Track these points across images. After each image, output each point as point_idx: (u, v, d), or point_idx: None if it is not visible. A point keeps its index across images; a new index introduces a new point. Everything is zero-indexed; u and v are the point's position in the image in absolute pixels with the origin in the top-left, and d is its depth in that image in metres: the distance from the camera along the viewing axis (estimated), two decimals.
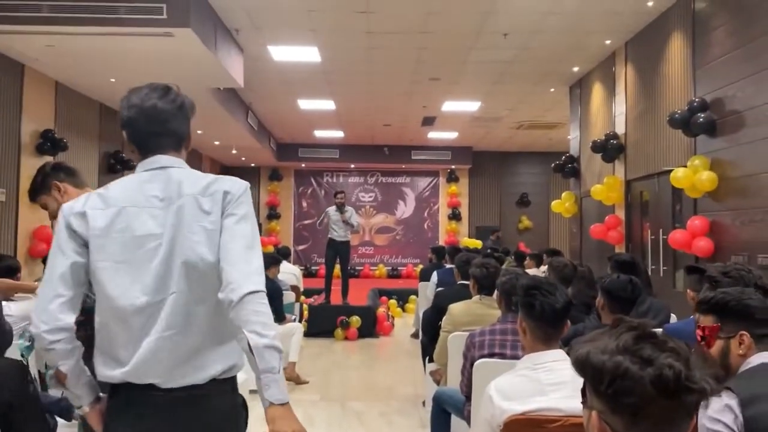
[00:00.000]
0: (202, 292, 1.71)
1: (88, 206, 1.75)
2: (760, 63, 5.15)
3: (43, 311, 1.68)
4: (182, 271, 1.69)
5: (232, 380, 1.79)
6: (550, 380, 2.20)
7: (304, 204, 17.82)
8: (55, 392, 2.89)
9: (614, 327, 1.15)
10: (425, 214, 17.72)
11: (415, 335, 9.48)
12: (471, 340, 3.34)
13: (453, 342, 4.08)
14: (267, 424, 1.61)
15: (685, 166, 5.97)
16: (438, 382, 4.74)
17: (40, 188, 2.60)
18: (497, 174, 17.46)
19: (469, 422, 3.40)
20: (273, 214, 17.53)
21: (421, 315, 8.92)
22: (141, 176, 1.80)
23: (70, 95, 8.61)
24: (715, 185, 5.66)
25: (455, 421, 3.83)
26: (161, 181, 1.77)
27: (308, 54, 8.52)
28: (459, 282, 5.40)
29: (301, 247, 17.30)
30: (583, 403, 1.19)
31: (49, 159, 7.93)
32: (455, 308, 4.24)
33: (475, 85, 10.09)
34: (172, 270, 1.69)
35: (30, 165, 7.55)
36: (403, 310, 12.13)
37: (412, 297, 12.43)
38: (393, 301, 11.96)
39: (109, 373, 1.70)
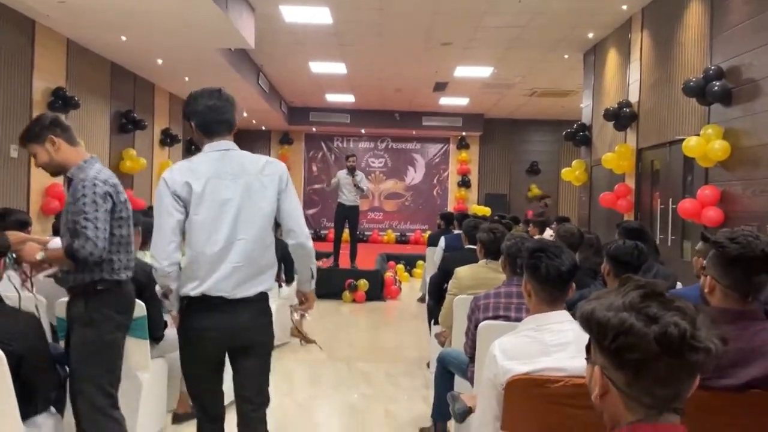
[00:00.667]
0: (257, 240, 2.57)
1: (190, 176, 2.54)
2: None
3: (163, 251, 2.52)
4: (246, 225, 2.55)
5: (267, 294, 2.67)
6: (554, 341, 2.22)
7: (314, 168, 17.81)
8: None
9: (622, 285, 1.16)
10: (435, 181, 17.68)
11: (421, 299, 9.57)
12: (476, 302, 3.38)
13: (458, 305, 4.12)
14: (305, 299, 2.88)
15: (698, 135, 5.91)
16: (443, 344, 4.80)
17: (34, 138, 2.76)
18: (508, 142, 17.34)
19: (472, 383, 3.45)
20: None
21: (428, 279, 9.01)
22: (213, 155, 2.61)
23: (81, 53, 8.58)
24: (728, 154, 5.61)
25: (458, 382, 3.89)
26: (229, 161, 2.59)
27: (320, 15, 8.42)
28: (466, 246, 5.43)
29: (311, 212, 17.34)
30: (587, 359, 1.21)
31: (60, 117, 7.96)
32: (461, 272, 4.27)
33: (487, 50, 9.96)
34: (239, 224, 2.55)
35: None
36: (411, 275, 12.21)
37: (420, 262, 12.51)
38: (400, 266, 12.03)
39: (192, 289, 2.54)
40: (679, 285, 3.96)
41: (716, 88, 5.69)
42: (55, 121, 2.79)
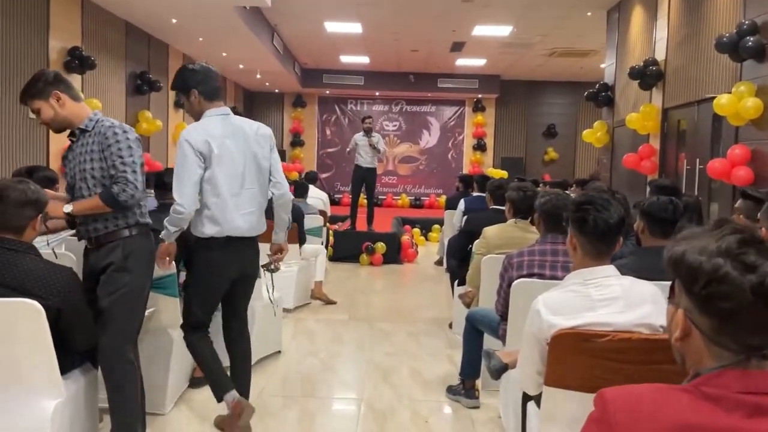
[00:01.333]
0: (261, 190, 3.17)
1: (208, 136, 2.98)
2: None
3: (189, 199, 2.93)
4: (254, 176, 3.11)
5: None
6: (600, 296, 2.17)
7: (328, 132, 17.69)
8: None
9: (717, 228, 1.09)
10: (449, 144, 17.53)
11: (438, 262, 9.55)
12: (509, 260, 3.33)
13: (487, 264, 4.07)
14: (279, 251, 3.38)
15: (729, 93, 5.75)
16: (468, 305, 4.76)
17: (38, 93, 2.78)
18: (524, 104, 17.10)
19: (503, 341, 3.43)
20: (297, 141, 17.46)
21: (446, 242, 8.97)
22: (217, 119, 3.07)
23: (96, 12, 8.46)
24: (760, 113, 5.46)
25: (487, 339, 3.87)
26: (230, 123, 3.08)
27: None
28: (491, 207, 5.36)
29: (324, 175, 17.27)
30: (670, 298, 1.16)
31: (77, 77, 7.89)
32: (490, 231, 4.21)
33: (508, 7, 9.72)
34: (247, 177, 3.08)
35: None
36: (426, 238, 12.16)
37: (435, 226, 12.47)
38: (416, 230, 11.98)
39: (212, 230, 3.03)
40: None
41: (750, 43, 5.51)
42: (59, 76, 2.84)
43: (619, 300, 2.16)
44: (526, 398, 2.78)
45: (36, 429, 2.50)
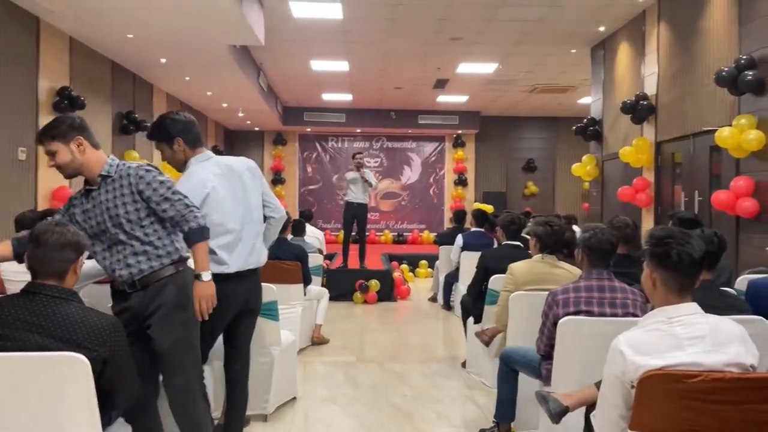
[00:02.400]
0: (257, 221, 3.24)
1: (213, 181, 3.05)
2: None
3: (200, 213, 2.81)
4: (249, 211, 3.17)
5: None
6: (687, 334, 2.09)
7: (309, 169, 17.62)
8: None
9: None
10: (431, 180, 17.59)
11: (433, 299, 9.44)
12: (553, 297, 3.24)
13: (515, 302, 3.99)
14: None
15: (730, 126, 5.85)
16: (487, 343, 4.66)
17: (60, 136, 2.71)
18: (504, 139, 17.32)
19: (546, 381, 3.32)
20: (278, 179, 17.33)
21: (442, 279, 8.90)
22: (207, 163, 3.11)
23: (83, 51, 8.31)
24: (762, 144, 5.56)
25: (522, 379, 3.76)
26: (218, 164, 3.13)
27: (330, 10, 8.26)
28: (505, 242, 5.30)
29: None
30: None
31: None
32: (517, 268, 4.13)
33: (496, 45, 9.87)
34: (245, 211, 3.15)
35: None
36: (414, 274, 12.06)
37: (423, 262, 12.40)
38: (405, 266, 11.88)
39: (226, 269, 3.04)
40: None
41: (749, 77, 5.64)
42: (84, 123, 2.80)
43: (707, 339, 2.09)
44: None
45: None
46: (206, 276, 2.70)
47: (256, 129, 17.13)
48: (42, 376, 2.24)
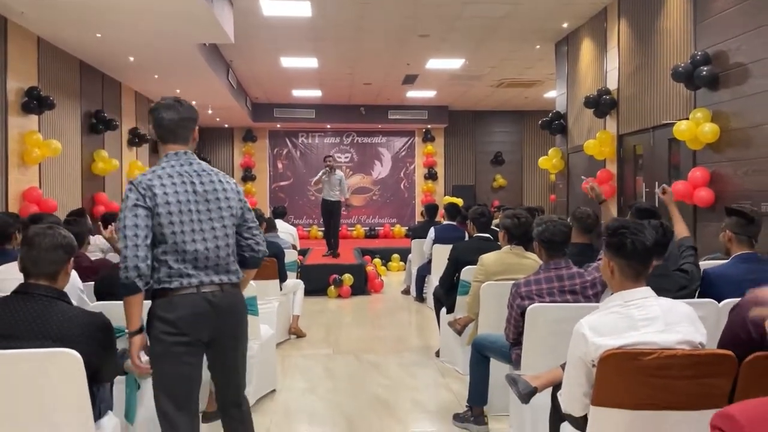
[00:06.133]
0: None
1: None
2: (765, 17, 5.28)
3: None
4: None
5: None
6: (642, 316, 2.28)
7: (280, 165, 17.62)
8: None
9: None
10: (401, 174, 17.74)
11: (405, 291, 9.62)
12: (516, 290, 3.43)
13: (486, 291, 4.17)
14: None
15: (687, 119, 6.12)
16: (459, 332, 4.84)
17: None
18: (472, 133, 17.56)
19: (516, 365, 3.51)
20: (248, 176, 17.31)
21: (414, 271, 9.08)
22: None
23: (51, 52, 8.25)
24: (717, 137, 5.84)
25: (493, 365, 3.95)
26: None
27: (299, 8, 8.33)
28: (476, 235, 5.48)
29: None
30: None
31: (34, 118, 7.66)
32: (488, 259, 4.32)
33: (463, 41, 10.05)
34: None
35: (16, 124, 7.28)
36: (387, 268, 12.23)
37: (395, 255, 12.59)
38: (377, 260, 12.04)
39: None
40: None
41: (704, 73, 5.91)
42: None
43: (660, 320, 2.28)
44: (557, 420, 2.86)
45: None
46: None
47: (226, 126, 17.08)
48: (37, 372, 2.34)
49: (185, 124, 2.66)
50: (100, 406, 2.63)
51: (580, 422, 2.46)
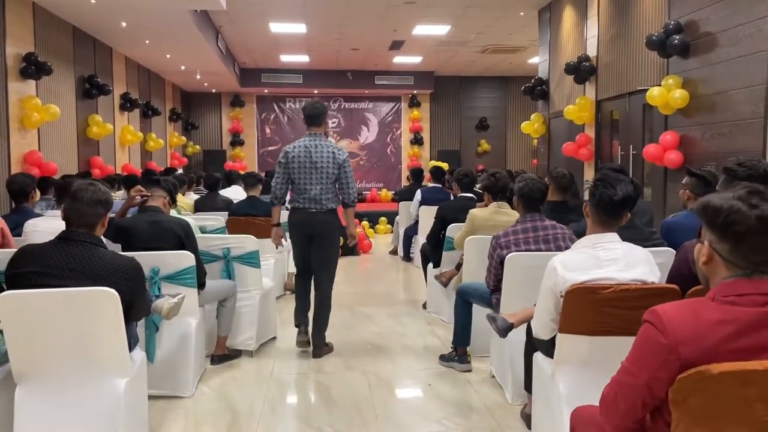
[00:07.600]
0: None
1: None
2: None
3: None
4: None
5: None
6: (606, 256, 2.67)
7: (268, 130, 17.83)
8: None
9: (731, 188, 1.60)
10: (388, 139, 18.04)
11: (393, 251, 10.02)
12: (496, 241, 3.81)
13: (471, 244, 4.56)
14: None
15: (659, 85, 6.49)
16: (445, 284, 5.27)
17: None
18: (457, 98, 17.84)
19: (496, 309, 3.91)
20: (237, 141, 17.52)
21: (402, 232, 9.47)
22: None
23: (46, 17, 8.40)
24: (686, 102, 6.22)
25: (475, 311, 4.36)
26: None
27: None
28: (460, 195, 5.87)
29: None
30: (699, 240, 1.65)
31: (32, 83, 7.85)
32: (477, 213, 4.71)
33: (449, 8, 10.28)
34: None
35: (16, 89, 7.48)
36: (375, 231, 12.61)
37: (382, 218, 12.98)
38: (365, 223, 12.40)
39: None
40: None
41: (676, 41, 6.26)
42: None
43: (620, 260, 2.67)
44: (530, 351, 3.28)
45: (111, 405, 2.79)
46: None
47: (213, 91, 17.20)
48: (79, 308, 2.70)
49: (318, 116, 4.59)
50: (129, 341, 3.00)
51: (549, 348, 2.87)
